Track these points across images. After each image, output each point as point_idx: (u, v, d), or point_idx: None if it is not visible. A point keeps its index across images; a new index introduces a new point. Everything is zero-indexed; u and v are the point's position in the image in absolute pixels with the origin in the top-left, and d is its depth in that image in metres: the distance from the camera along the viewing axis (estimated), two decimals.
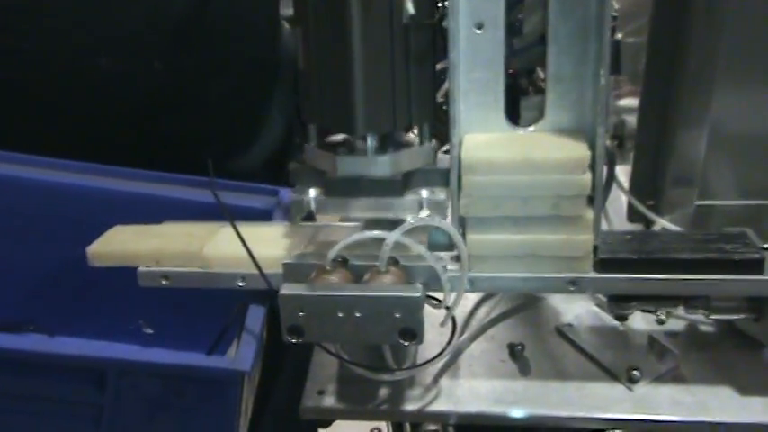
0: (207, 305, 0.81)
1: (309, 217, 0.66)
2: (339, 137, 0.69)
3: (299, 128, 1.13)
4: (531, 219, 0.62)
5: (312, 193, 0.67)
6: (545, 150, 0.61)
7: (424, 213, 0.65)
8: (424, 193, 0.66)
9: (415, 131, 0.68)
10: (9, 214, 0.82)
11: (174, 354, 0.73)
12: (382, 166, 0.65)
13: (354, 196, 0.65)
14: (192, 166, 0.92)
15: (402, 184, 0.65)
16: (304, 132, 0.69)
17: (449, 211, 0.66)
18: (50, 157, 0.83)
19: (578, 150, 0.61)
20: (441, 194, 0.65)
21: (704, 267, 0.62)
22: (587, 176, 0.61)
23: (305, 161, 0.68)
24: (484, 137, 0.64)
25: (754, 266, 0.61)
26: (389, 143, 0.67)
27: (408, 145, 0.67)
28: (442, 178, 0.66)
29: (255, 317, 0.69)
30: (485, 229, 0.63)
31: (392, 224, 0.66)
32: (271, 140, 1.02)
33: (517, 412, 0.67)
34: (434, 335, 0.66)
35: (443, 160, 0.67)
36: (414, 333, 0.59)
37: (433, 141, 0.68)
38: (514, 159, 0.61)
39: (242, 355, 0.64)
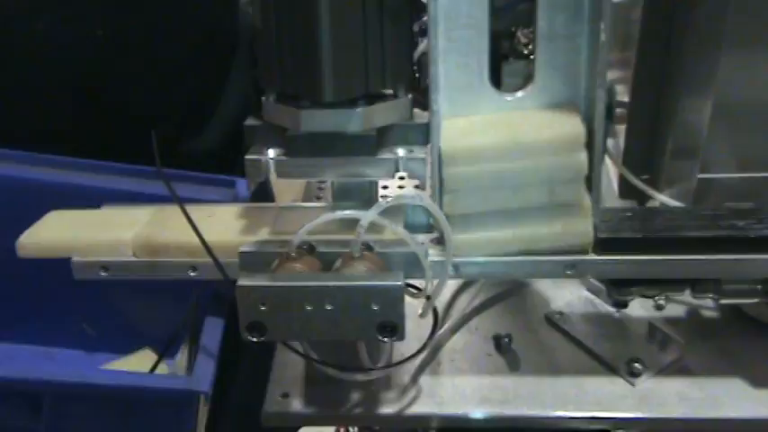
0: (156, 301, 0.73)
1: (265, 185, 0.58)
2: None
3: (256, 105, 1.07)
4: (523, 210, 0.56)
5: (271, 153, 0.58)
6: (533, 130, 0.55)
7: (402, 182, 0.57)
8: (401, 151, 0.58)
9: None
10: None
11: (120, 374, 0.65)
12: (353, 120, 0.56)
13: (321, 155, 0.57)
14: (140, 145, 0.85)
15: (376, 141, 0.57)
16: (260, 109, 0.61)
17: (428, 176, 0.58)
18: None
19: (571, 126, 0.54)
20: (419, 153, 0.57)
21: (717, 246, 0.56)
22: (583, 156, 0.54)
23: (263, 118, 0.59)
24: (463, 121, 0.57)
25: None
26: (360, 95, 0.58)
27: (382, 97, 0.58)
28: (420, 135, 0.58)
29: (214, 324, 0.61)
30: (473, 228, 0.56)
31: (363, 198, 0.59)
32: (226, 119, 0.96)
33: (507, 413, 0.60)
34: (412, 327, 0.57)
35: (421, 115, 0.59)
36: (394, 327, 0.52)
37: (410, 95, 0.60)
38: (500, 144, 0.54)
39: (199, 372, 0.56)
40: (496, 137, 0.55)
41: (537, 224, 0.56)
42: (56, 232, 0.63)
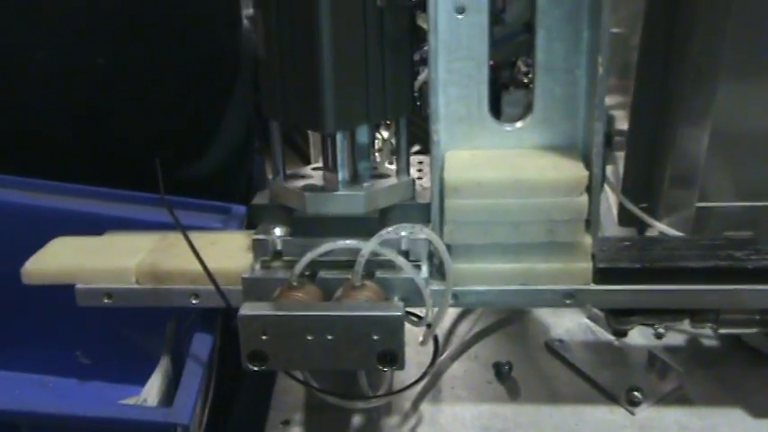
0: (151, 330, 0.72)
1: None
2: (307, 170, 0.62)
3: (259, 129, 1.07)
4: (523, 246, 0.56)
5: (278, 231, 0.59)
6: (537, 170, 0.55)
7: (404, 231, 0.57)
8: (403, 231, 0.58)
9: (392, 164, 0.62)
10: None
11: (96, 405, 0.62)
12: (356, 202, 0.58)
13: (325, 236, 0.57)
14: (141, 171, 0.85)
15: (378, 222, 0.58)
16: (264, 133, 0.62)
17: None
18: None
19: (574, 170, 0.55)
20: (421, 233, 0.58)
21: (715, 277, 0.56)
22: (584, 198, 0.55)
23: (269, 197, 0.61)
24: (468, 154, 0.58)
25: None
26: (364, 177, 0.60)
27: (384, 177, 0.60)
28: (422, 214, 0.59)
29: (202, 347, 0.59)
30: (472, 258, 0.57)
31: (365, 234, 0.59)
32: (227, 145, 0.95)
33: None
34: (411, 354, 0.58)
35: (423, 195, 0.60)
36: (394, 357, 0.52)
37: (412, 173, 0.61)
38: (504, 180, 0.55)
39: (180, 403, 0.54)
40: (500, 173, 0.55)
41: (536, 260, 0.56)
42: (60, 259, 0.63)
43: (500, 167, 0.56)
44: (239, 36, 0.96)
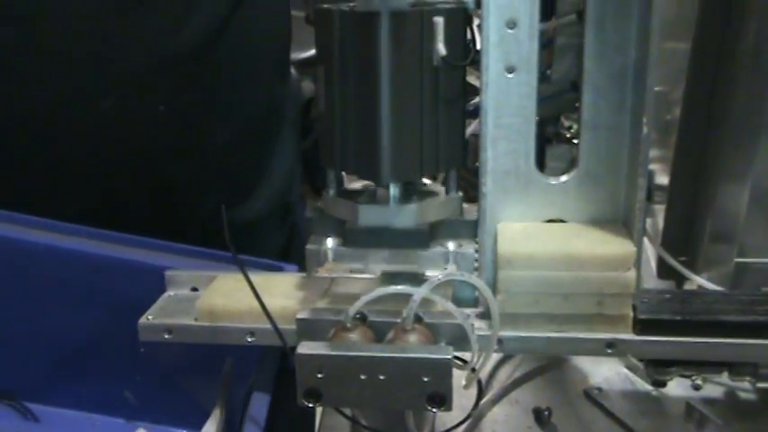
0: (197, 375, 0.75)
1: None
2: (359, 184, 0.65)
3: (306, 174, 1.10)
4: (572, 316, 0.59)
5: (330, 242, 0.62)
6: (587, 244, 0.58)
7: (451, 267, 0.60)
8: (451, 245, 0.62)
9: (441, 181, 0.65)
10: None
11: None
12: (407, 215, 0.60)
13: (376, 247, 0.61)
14: (192, 213, 0.88)
15: (427, 235, 0.61)
16: (315, 178, 0.65)
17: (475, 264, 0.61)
18: (47, 203, 0.77)
19: (623, 246, 0.58)
20: (468, 247, 0.61)
21: (754, 331, 0.58)
22: (632, 273, 0.57)
23: (322, 209, 0.64)
24: (520, 226, 0.61)
25: None
26: (414, 192, 0.62)
27: (433, 194, 0.63)
28: (468, 230, 0.62)
29: (260, 404, 0.63)
30: (520, 326, 0.59)
31: (410, 277, 0.62)
32: (274, 188, 0.99)
33: None
34: (454, 397, 0.60)
35: (470, 211, 0.63)
36: (443, 399, 0.54)
37: (460, 192, 0.64)
38: (555, 253, 0.57)
39: None
40: (551, 246, 0.58)
41: (583, 330, 0.58)
42: None
43: (551, 241, 0.58)
44: (288, 86, 1.00)
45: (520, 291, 0.58)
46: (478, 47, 0.59)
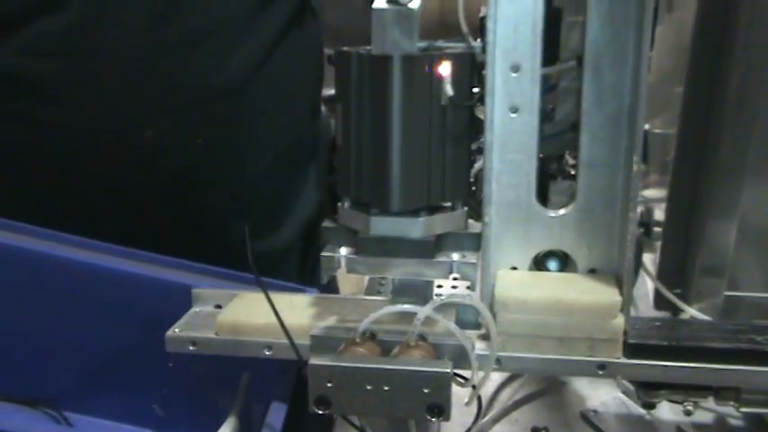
0: (221, 391, 0.78)
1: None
2: None
3: (332, 207, 1.14)
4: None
5: (343, 251, 0.67)
6: (576, 292, 0.63)
7: (455, 282, 0.65)
8: (455, 256, 0.66)
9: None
10: (32, 290, 0.81)
11: None
12: (415, 227, 0.65)
13: (386, 256, 0.66)
14: (221, 241, 0.92)
15: (434, 246, 0.66)
16: (336, 211, 0.70)
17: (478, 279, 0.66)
18: (86, 224, 0.81)
19: (609, 295, 0.62)
20: (471, 258, 0.66)
21: (735, 358, 0.61)
22: (619, 320, 0.62)
23: (338, 220, 0.69)
24: (518, 274, 0.66)
25: None
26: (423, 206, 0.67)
27: (441, 209, 0.68)
28: (472, 242, 0.67)
29: (277, 414, 0.67)
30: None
31: (418, 290, 0.67)
32: (301, 219, 1.03)
33: None
34: (456, 414, 0.64)
35: (475, 225, 0.68)
36: (441, 409, 0.59)
37: (465, 208, 0.69)
38: (546, 299, 0.62)
39: None
40: (544, 292, 0.62)
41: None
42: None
43: (545, 287, 0.63)
44: (319, 123, 1.04)
45: (517, 333, 0.63)
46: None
